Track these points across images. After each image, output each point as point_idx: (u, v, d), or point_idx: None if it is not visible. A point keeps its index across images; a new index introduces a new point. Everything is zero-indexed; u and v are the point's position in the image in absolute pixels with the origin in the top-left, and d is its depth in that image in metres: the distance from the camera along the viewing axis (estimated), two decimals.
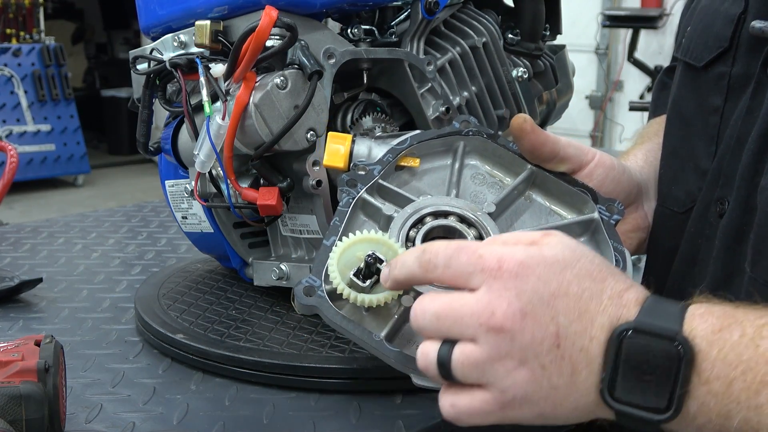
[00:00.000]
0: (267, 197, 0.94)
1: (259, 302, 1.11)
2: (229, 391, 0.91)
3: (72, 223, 1.61)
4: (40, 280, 1.22)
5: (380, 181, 0.85)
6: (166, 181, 1.16)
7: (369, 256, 0.75)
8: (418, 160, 0.89)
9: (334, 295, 0.75)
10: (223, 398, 0.90)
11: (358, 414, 0.86)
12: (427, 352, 0.67)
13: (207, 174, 0.98)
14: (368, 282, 0.75)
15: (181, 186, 1.12)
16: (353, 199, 0.83)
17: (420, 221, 0.81)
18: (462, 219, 0.81)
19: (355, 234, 0.77)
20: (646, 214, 1.00)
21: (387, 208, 0.83)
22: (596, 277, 0.66)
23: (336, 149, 0.92)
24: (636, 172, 0.99)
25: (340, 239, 0.78)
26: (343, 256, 0.76)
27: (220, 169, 0.95)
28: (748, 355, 0.61)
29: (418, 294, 0.72)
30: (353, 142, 0.93)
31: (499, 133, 0.94)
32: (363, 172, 0.86)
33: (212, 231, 1.09)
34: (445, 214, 0.82)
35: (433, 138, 0.90)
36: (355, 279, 0.75)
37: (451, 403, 0.67)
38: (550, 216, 0.88)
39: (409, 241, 0.80)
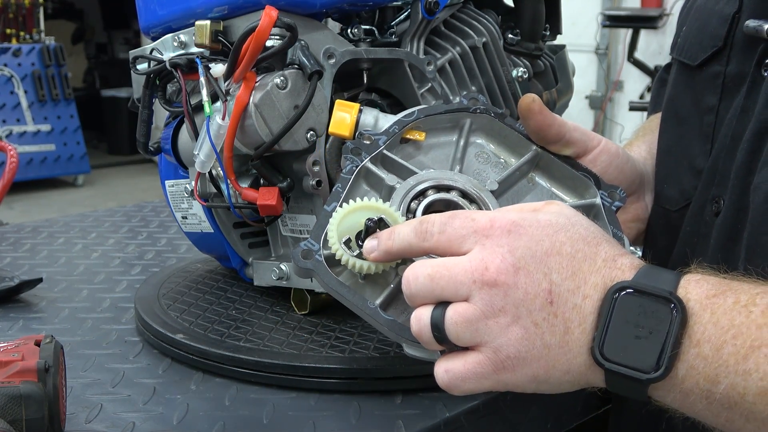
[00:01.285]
0: (267, 197, 0.94)
1: (259, 302, 1.11)
2: (229, 391, 0.91)
3: (72, 223, 1.61)
4: (40, 280, 1.22)
5: (385, 151, 0.84)
6: (166, 181, 1.16)
7: (370, 219, 0.74)
8: (423, 134, 0.88)
9: (332, 261, 0.75)
10: (223, 398, 0.90)
11: (358, 414, 0.87)
12: (420, 316, 0.68)
13: (207, 174, 0.98)
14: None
15: (181, 186, 1.12)
16: (356, 167, 0.82)
17: (422, 194, 0.81)
18: (464, 194, 0.81)
19: (356, 201, 0.77)
20: (647, 205, 1.00)
21: (390, 178, 0.82)
22: (590, 242, 0.67)
23: (342, 117, 0.90)
24: (640, 163, 0.99)
25: (341, 206, 0.77)
26: (343, 221, 0.75)
27: (220, 169, 0.95)
28: (740, 320, 0.61)
29: None
30: (360, 111, 0.92)
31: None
32: (368, 142, 0.84)
33: (212, 231, 1.09)
34: (448, 188, 0.81)
35: (441, 113, 0.89)
36: (352, 243, 0.74)
37: (445, 368, 0.67)
38: (551, 198, 0.87)
39: (410, 213, 0.79)
